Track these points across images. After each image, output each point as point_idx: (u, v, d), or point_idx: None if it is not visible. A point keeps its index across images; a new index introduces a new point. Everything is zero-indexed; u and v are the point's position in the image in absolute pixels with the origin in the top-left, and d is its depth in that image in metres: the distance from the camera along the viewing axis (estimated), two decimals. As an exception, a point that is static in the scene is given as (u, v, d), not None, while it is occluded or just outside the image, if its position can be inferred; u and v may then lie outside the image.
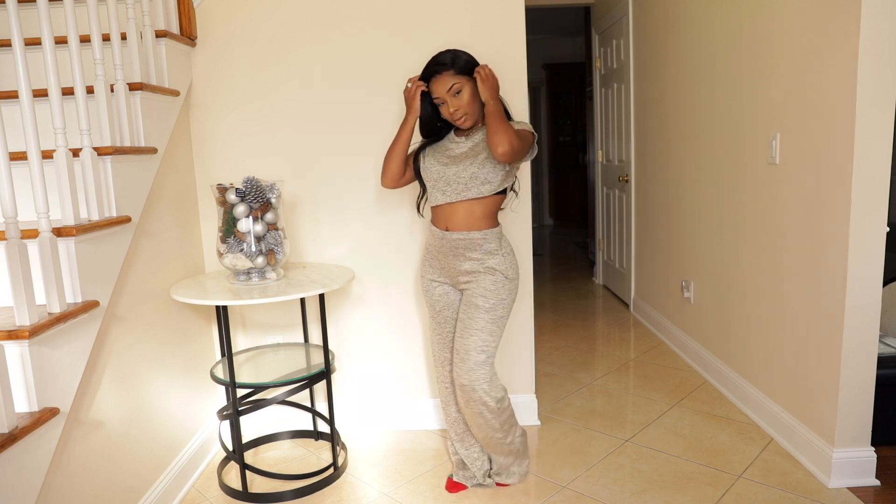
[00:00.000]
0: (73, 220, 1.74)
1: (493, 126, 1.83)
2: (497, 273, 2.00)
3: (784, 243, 2.43)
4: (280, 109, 2.56)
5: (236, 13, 2.51)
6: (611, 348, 3.75)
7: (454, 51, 1.95)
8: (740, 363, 2.85)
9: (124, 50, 2.19)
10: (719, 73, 2.93)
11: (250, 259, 2.20)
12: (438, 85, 1.94)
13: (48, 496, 1.55)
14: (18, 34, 1.53)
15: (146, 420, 2.09)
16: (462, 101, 1.94)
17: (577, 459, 2.44)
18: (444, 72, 1.92)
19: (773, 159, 2.47)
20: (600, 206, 5.27)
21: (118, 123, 2.02)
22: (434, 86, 1.95)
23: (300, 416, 2.75)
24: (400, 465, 2.46)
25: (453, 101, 1.94)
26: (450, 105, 1.95)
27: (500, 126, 1.82)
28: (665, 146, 3.71)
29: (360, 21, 2.51)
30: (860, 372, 2.13)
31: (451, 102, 1.94)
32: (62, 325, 1.59)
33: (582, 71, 7.95)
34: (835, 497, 2.12)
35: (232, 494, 2.26)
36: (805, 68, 2.25)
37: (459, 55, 1.94)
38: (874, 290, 2.08)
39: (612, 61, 4.72)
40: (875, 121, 1.99)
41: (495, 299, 2.00)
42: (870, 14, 1.94)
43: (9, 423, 1.38)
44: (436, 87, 1.95)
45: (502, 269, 2.00)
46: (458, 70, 1.92)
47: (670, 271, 3.71)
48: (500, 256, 2.01)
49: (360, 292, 2.69)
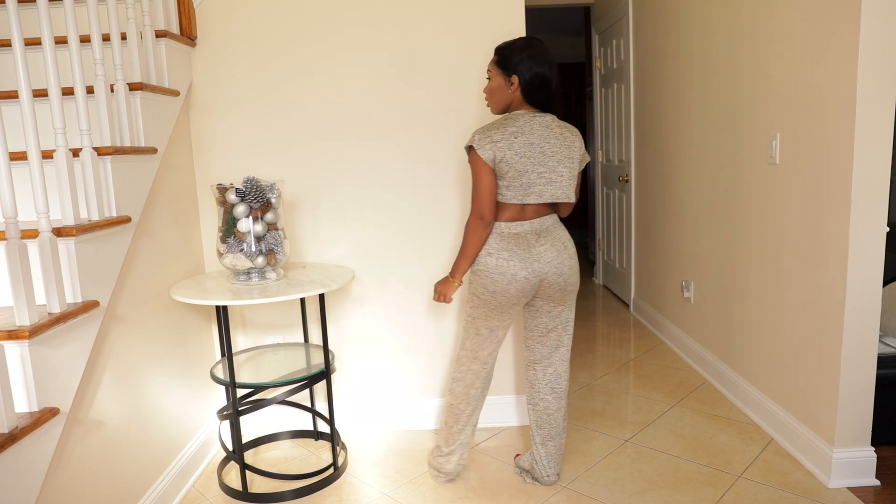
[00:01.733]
0: (73, 220, 1.74)
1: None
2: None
3: (784, 243, 2.43)
4: (280, 109, 2.57)
5: (236, 13, 2.51)
6: (611, 348, 3.75)
7: (511, 42, 2.04)
8: (740, 363, 2.85)
9: (124, 50, 2.20)
10: (719, 73, 2.93)
11: (250, 259, 2.20)
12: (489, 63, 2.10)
13: (48, 496, 1.55)
14: (18, 34, 1.53)
15: (146, 420, 2.09)
16: (488, 87, 2.07)
17: (577, 459, 2.44)
18: (494, 55, 2.08)
19: (773, 159, 2.47)
20: (600, 206, 5.27)
21: (118, 123, 2.02)
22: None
23: (300, 416, 2.75)
24: (400, 465, 2.46)
25: (487, 84, 2.11)
26: (486, 86, 2.11)
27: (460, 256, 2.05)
28: (665, 146, 3.71)
29: (359, 21, 2.51)
30: (860, 372, 2.13)
31: (486, 84, 2.12)
32: (62, 325, 1.59)
33: (582, 71, 7.96)
34: (835, 497, 2.12)
35: (232, 494, 2.26)
36: (805, 68, 2.25)
37: (501, 49, 2.04)
38: (874, 290, 2.08)
39: (612, 61, 4.72)
40: (875, 121, 1.99)
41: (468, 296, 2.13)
42: (870, 14, 1.94)
43: (9, 423, 1.38)
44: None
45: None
46: (498, 61, 2.03)
47: (670, 271, 3.71)
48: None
49: (360, 292, 2.69)
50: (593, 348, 3.76)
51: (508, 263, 1.97)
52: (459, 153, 2.59)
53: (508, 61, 1.99)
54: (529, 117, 1.98)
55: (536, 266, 1.99)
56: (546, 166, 1.97)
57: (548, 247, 2.01)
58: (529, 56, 1.97)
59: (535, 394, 2.22)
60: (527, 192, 1.97)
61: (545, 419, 2.21)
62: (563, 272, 2.03)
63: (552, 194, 2.00)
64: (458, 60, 2.53)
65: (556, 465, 2.25)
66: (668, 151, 3.66)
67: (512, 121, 1.97)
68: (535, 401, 2.22)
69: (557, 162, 1.99)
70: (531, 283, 2.00)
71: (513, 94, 2.00)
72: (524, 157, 1.94)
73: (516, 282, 1.98)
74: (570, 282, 2.07)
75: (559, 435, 2.22)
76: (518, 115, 1.98)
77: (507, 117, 1.99)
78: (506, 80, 2.00)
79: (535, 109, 2.02)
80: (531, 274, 1.98)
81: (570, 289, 2.08)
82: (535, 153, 1.95)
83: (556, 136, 1.99)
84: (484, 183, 1.95)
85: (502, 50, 2.02)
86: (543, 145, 1.97)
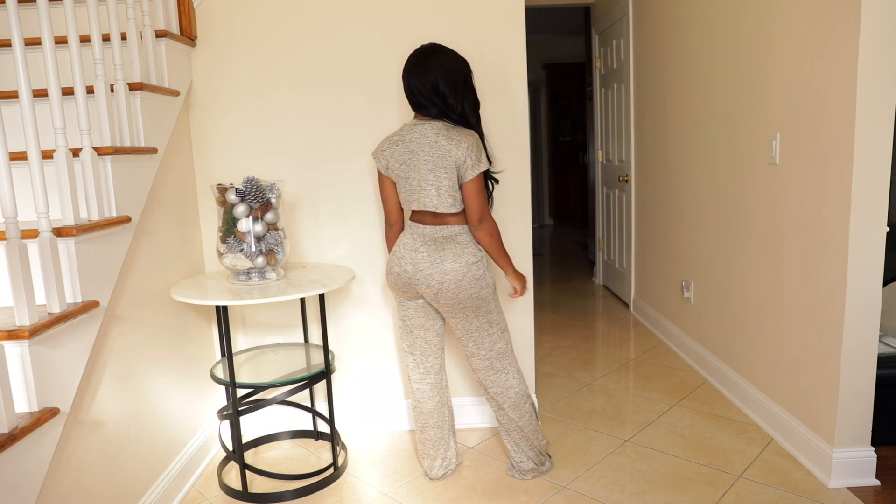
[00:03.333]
0: (73, 220, 1.74)
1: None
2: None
3: (784, 243, 2.43)
4: (280, 109, 2.57)
5: (236, 13, 2.51)
6: (611, 348, 3.75)
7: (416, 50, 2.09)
8: (740, 363, 2.85)
9: (124, 50, 2.20)
10: (719, 73, 2.93)
11: (250, 259, 2.20)
12: None
13: (48, 496, 1.55)
14: (18, 34, 1.53)
15: (146, 420, 2.09)
16: None
17: (577, 459, 2.44)
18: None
19: (773, 159, 2.47)
20: (600, 206, 5.27)
21: (118, 123, 2.02)
22: None
23: (300, 416, 2.75)
24: (400, 465, 2.46)
25: None
26: None
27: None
28: (665, 146, 3.71)
29: (359, 21, 2.51)
30: (860, 372, 2.13)
31: None
32: (62, 325, 1.59)
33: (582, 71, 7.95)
34: (835, 497, 2.12)
35: (232, 494, 2.26)
36: (805, 68, 2.25)
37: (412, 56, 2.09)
38: (874, 290, 2.08)
39: (612, 61, 4.72)
40: (875, 121, 1.99)
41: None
42: (870, 14, 1.94)
43: (9, 423, 1.38)
44: None
45: None
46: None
47: (670, 271, 3.71)
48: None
49: (360, 292, 2.69)
50: (593, 348, 3.76)
51: (392, 257, 2.14)
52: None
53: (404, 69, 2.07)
54: (412, 125, 2.05)
55: (403, 266, 2.08)
56: (420, 174, 2.02)
57: (423, 254, 2.04)
58: (414, 63, 2.03)
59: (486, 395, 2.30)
60: (409, 199, 2.08)
61: (497, 416, 2.29)
62: (432, 284, 2.03)
63: (422, 203, 2.04)
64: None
65: (524, 454, 2.28)
66: (668, 151, 3.66)
67: (401, 129, 2.08)
68: (490, 401, 2.30)
69: (429, 170, 2.00)
70: (401, 280, 2.10)
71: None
72: (404, 164, 2.03)
73: (390, 275, 2.14)
74: (444, 294, 2.03)
75: (517, 429, 2.26)
76: (409, 123, 2.07)
77: (403, 125, 2.11)
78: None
79: (423, 117, 2.06)
80: (401, 271, 2.09)
81: (446, 302, 2.05)
82: (412, 161, 2.02)
83: (430, 144, 1.99)
84: (380, 190, 2.18)
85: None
86: (419, 153, 2.01)
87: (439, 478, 2.32)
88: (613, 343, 3.86)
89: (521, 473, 2.31)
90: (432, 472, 2.32)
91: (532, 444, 2.28)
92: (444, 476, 2.33)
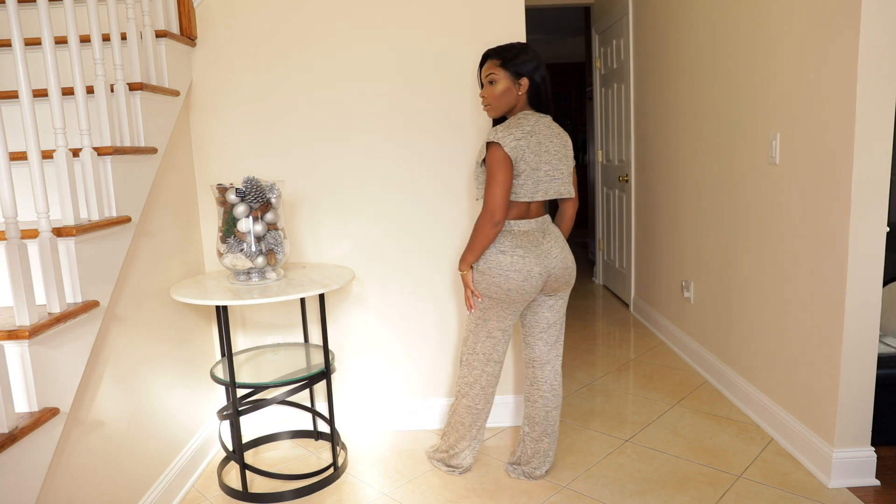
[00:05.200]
0: (73, 220, 1.73)
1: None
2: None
3: (784, 243, 2.43)
4: (280, 109, 2.57)
5: (236, 13, 2.51)
6: (611, 348, 3.75)
7: (511, 45, 2.05)
8: (740, 363, 2.85)
9: (124, 50, 2.20)
10: (719, 73, 2.93)
11: (250, 259, 2.20)
12: (483, 69, 2.08)
13: (48, 496, 1.55)
14: (18, 34, 1.53)
15: (146, 420, 2.09)
16: (495, 90, 2.04)
17: (576, 459, 2.44)
18: (491, 59, 2.05)
19: (773, 159, 2.47)
20: (600, 206, 5.27)
21: (118, 123, 2.02)
22: (483, 68, 2.09)
23: (300, 416, 2.75)
24: (400, 465, 2.46)
25: (485, 89, 2.08)
26: (483, 91, 2.09)
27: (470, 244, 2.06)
28: (665, 146, 3.71)
29: (359, 21, 2.51)
30: (860, 372, 2.13)
31: (484, 89, 2.08)
32: (62, 325, 1.59)
33: (582, 71, 7.96)
34: (835, 497, 2.12)
35: (232, 494, 2.26)
36: (805, 68, 2.25)
37: (510, 49, 2.04)
38: (874, 290, 2.08)
39: (612, 61, 4.72)
40: (875, 121, 1.99)
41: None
42: (870, 14, 1.94)
43: (9, 423, 1.38)
44: (482, 70, 2.09)
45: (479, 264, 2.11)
46: (503, 63, 2.02)
47: (670, 271, 3.71)
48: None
49: (360, 292, 2.69)
50: (593, 348, 3.76)
51: (524, 260, 2.03)
52: (460, 153, 2.59)
53: (515, 64, 2.02)
54: (537, 118, 2.05)
55: (547, 262, 2.07)
56: (550, 164, 2.05)
57: (552, 243, 2.10)
58: (533, 58, 2.04)
59: (535, 391, 2.25)
60: (536, 189, 2.04)
61: (543, 416, 2.25)
62: (567, 265, 2.14)
63: (556, 191, 2.09)
64: (458, 60, 2.53)
65: (549, 461, 2.30)
66: (668, 151, 3.66)
67: (525, 120, 2.02)
68: (535, 398, 2.25)
69: (559, 160, 2.08)
70: (543, 278, 2.07)
71: (519, 97, 2.05)
72: (536, 154, 2.02)
73: (531, 278, 2.04)
74: (572, 275, 2.18)
75: (554, 432, 2.27)
76: (527, 115, 2.04)
77: (520, 118, 2.03)
78: (514, 83, 2.03)
79: (535, 111, 2.08)
80: (544, 269, 2.06)
81: (571, 281, 2.20)
82: (542, 152, 2.03)
83: (556, 136, 2.08)
84: (500, 180, 1.96)
85: (505, 53, 2.03)
86: (548, 144, 2.04)
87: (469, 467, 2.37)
88: (613, 343, 3.86)
89: (528, 476, 2.32)
90: (468, 460, 2.36)
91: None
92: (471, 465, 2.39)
